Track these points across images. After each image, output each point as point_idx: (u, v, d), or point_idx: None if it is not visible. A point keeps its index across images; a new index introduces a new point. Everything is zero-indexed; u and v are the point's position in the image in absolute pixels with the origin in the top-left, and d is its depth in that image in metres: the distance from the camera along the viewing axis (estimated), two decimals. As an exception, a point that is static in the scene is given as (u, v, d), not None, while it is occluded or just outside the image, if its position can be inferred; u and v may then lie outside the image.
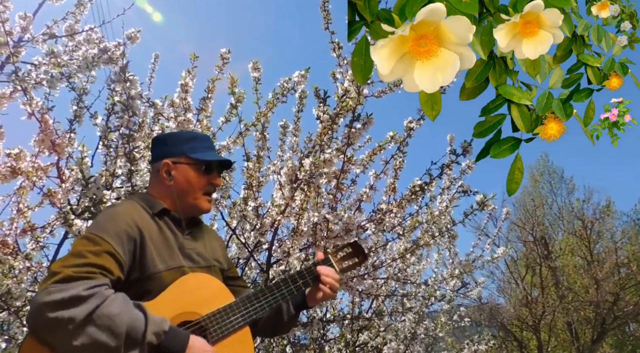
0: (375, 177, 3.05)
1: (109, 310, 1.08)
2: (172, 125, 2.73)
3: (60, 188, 2.59)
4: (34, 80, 2.56)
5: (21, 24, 2.70)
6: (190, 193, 1.41)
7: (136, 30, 2.96)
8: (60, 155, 2.48)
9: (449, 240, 4.41)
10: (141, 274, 1.24)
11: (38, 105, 2.41)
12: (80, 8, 2.92)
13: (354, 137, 2.75)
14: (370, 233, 3.04)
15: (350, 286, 2.99)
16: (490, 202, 3.00)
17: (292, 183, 2.91)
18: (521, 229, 14.97)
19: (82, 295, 1.06)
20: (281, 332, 1.64)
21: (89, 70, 2.67)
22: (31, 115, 2.38)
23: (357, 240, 1.68)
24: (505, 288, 14.37)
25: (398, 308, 4.23)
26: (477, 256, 4.50)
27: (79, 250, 1.16)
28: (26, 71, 2.55)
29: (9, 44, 2.43)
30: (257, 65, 3.10)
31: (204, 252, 1.41)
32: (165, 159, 1.41)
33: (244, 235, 3.12)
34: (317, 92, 3.00)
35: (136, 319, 1.10)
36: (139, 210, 1.33)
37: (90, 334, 1.05)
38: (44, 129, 2.43)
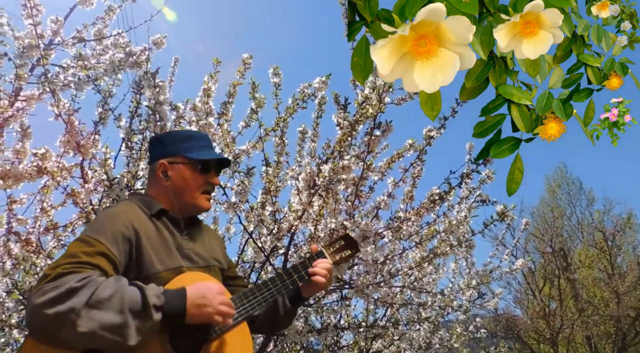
0: (393, 184, 3.04)
1: (105, 292, 1.08)
2: (194, 129, 2.77)
3: (83, 188, 2.65)
4: (62, 82, 2.63)
5: (52, 28, 2.78)
6: (188, 192, 1.40)
7: (162, 36, 3.02)
8: (84, 156, 2.53)
9: (466, 250, 4.36)
10: (138, 275, 1.23)
11: (65, 106, 2.47)
12: (109, 13, 2.99)
13: (373, 144, 2.74)
14: (387, 241, 3.03)
15: (365, 294, 2.98)
16: (510, 213, 2.96)
17: (309, 188, 2.92)
18: (539, 240, 14.72)
19: (76, 286, 1.07)
20: (279, 327, 1.64)
21: (115, 74, 2.73)
22: (58, 117, 2.43)
23: (349, 233, 1.69)
24: (523, 299, 14.12)
25: (413, 317, 4.19)
26: (494, 267, 4.44)
27: (72, 252, 1.16)
28: (55, 73, 2.61)
29: (40, 46, 2.49)
30: (278, 70, 3.12)
31: (202, 252, 1.40)
32: (161, 159, 1.41)
33: (260, 240, 3.14)
34: (336, 98, 3.01)
35: (133, 292, 1.11)
36: (136, 210, 1.32)
37: (94, 318, 1.05)
38: (70, 130, 2.48)
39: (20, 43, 2.66)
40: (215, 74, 2.94)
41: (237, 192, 2.94)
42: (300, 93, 3.06)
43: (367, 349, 4.31)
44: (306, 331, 3.02)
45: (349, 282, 3.55)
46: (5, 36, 2.71)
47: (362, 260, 3.12)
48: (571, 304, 13.42)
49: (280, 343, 3.73)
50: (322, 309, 3.77)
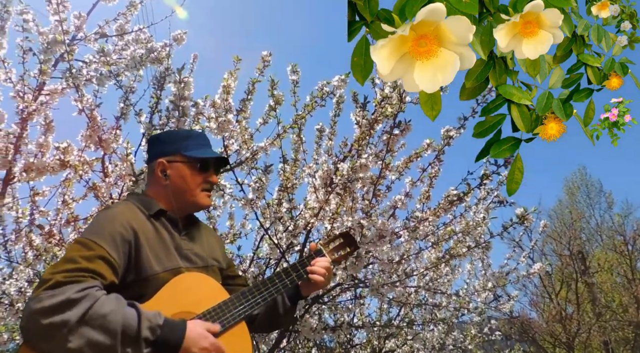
0: (411, 184, 3.03)
1: (102, 309, 1.07)
2: (213, 126, 2.79)
3: (104, 182, 2.69)
4: (85, 77, 2.67)
5: (75, 23, 2.82)
6: (187, 191, 1.39)
7: (182, 32, 3.04)
8: (106, 150, 2.57)
9: (482, 251, 4.32)
10: (137, 276, 1.23)
11: (88, 101, 2.51)
12: (131, 9, 3.02)
13: (392, 143, 2.73)
14: (404, 240, 3.02)
15: (380, 293, 2.97)
16: (530, 216, 2.92)
17: (326, 186, 2.92)
18: (557, 242, 14.49)
19: (73, 298, 1.06)
20: (278, 326, 1.62)
21: (137, 70, 2.76)
22: (81, 112, 2.47)
23: (348, 230, 1.68)
24: (538, 302, 13.93)
25: (427, 317, 4.17)
26: (511, 269, 4.38)
27: (71, 256, 1.15)
28: (78, 68, 2.66)
29: (65, 42, 2.53)
30: (296, 68, 3.12)
31: (201, 252, 1.39)
32: (160, 158, 1.40)
33: (276, 236, 3.15)
34: (355, 97, 3.00)
35: (129, 317, 1.10)
36: (134, 211, 1.32)
37: (85, 335, 1.04)
38: (92, 124, 2.52)
39: (44, 38, 2.71)
40: (235, 72, 2.95)
41: (254, 189, 2.96)
42: (319, 91, 3.05)
43: (380, 348, 4.30)
44: (320, 328, 3.03)
45: (363, 280, 3.55)
46: (30, 32, 2.76)
47: (378, 259, 3.12)
48: (588, 308, 13.19)
49: (293, 340, 3.74)
50: (336, 307, 3.77)
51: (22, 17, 2.73)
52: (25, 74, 2.69)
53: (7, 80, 2.65)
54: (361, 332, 4.28)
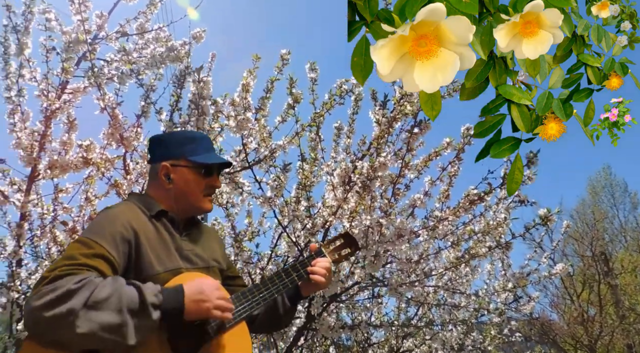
0: (430, 183, 2.99)
1: (103, 292, 1.08)
2: (232, 124, 2.80)
3: (125, 179, 2.72)
4: (106, 76, 2.71)
5: (97, 22, 2.86)
6: (191, 195, 1.39)
7: (201, 30, 3.06)
8: (127, 148, 2.60)
9: (502, 252, 4.25)
10: (137, 276, 1.23)
11: (110, 100, 2.54)
12: (151, 8, 3.04)
13: (412, 142, 2.70)
14: (422, 240, 2.99)
15: (399, 292, 2.95)
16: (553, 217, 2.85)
17: (344, 185, 2.90)
18: (578, 243, 14.20)
19: (73, 288, 1.06)
20: (279, 327, 1.62)
21: (157, 68, 2.79)
22: (103, 110, 2.51)
23: (348, 231, 1.67)
24: (559, 304, 13.69)
25: (446, 317, 4.12)
26: (532, 269, 4.30)
27: (71, 254, 1.16)
28: (100, 67, 2.70)
29: (87, 41, 2.57)
30: (314, 66, 3.11)
31: (202, 253, 1.40)
32: (164, 162, 1.40)
33: (294, 234, 3.15)
34: (374, 95, 2.98)
35: (130, 292, 1.11)
36: (135, 211, 1.32)
37: (93, 319, 1.05)
38: (114, 123, 2.56)
39: (67, 38, 2.75)
40: (254, 70, 2.96)
41: (272, 187, 2.97)
42: (338, 88, 3.04)
43: (397, 347, 4.28)
44: (338, 327, 3.03)
45: (381, 279, 3.53)
46: (53, 31, 2.81)
47: (396, 258, 3.09)
48: (611, 311, 12.90)
49: (311, 338, 3.75)
50: (354, 306, 3.76)
51: (45, 16, 2.77)
52: (48, 72, 2.74)
53: (32, 79, 2.71)
54: (379, 331, 4.26)
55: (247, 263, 3.20)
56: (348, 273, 2.98)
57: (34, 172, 2.73)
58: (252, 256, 3.32)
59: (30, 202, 2.69)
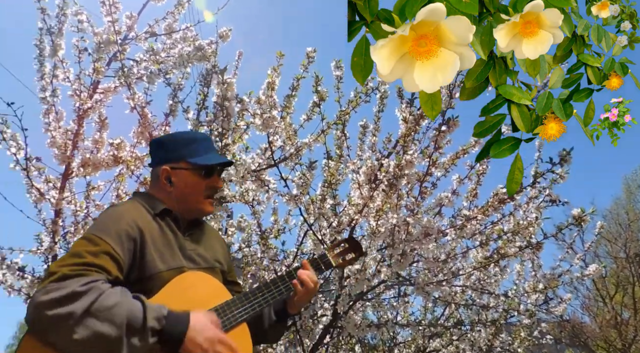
0: (458, 181, 2.94)
1: (107, 301, 1.08)
2: (258, 122, 2.81)
3: (154, 177, 2.77)
4: (136, 75, 2.76)
5: (127, 23, 2.91)
6: (192, 198, 1.40)
7: (227, 29, 3.08)
8: (156, 146, 2.64)
9: (533, 252, 4.14)
10: (141, 274, 1.23)
11: (139, 99, 2.59)
12: (179, 8, 3.08)
13: (440, 140, 2.67)
14: (450, 239, 2.94)
15: (426, 291, 2.91)
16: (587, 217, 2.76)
17: (370, 183, 2.88)
18: (612, 244, 13.75)
19: (79, 291, 1.07)
20: (264, 341, 1.59)
21: (184, 67, 2.82)
22: (133, 109, 2.56)
23: (352, 236, 1.65)
24: (591, 306, 13.29)
25: (474, 318, 4.05)
26: (563, 271, 4.18)
27: (77, 251, 1.16)
28: (129, 67, 2.75)
29: (117, 42, 2.63)
30: (340, 63, 3.10)
31: (204, 254, 1.40)
32: (164, 165, 1.41)
33: (320, 232, 3.15)
34: (400, 92, 2.95)
35: (134, 308, 1.10)
36: (140, 210, 1.33)
37: (91, 326, 1.05)
38: (143, 121, 2.61)
39: (98, 39, 2.82)
40: (278, 68, 2.96)
41: (298, 185, 2.97)
42: (363, 86, 3.02)
43: (424, 347, 4.23)
44: (364, 325, 3.01)
45: (408, 278, 3.49)
46: (85, 32, 2.88)
47: (423, 257, 3.06)
48: (647, 314, 12.45)
49: (336, 336, 3.74)
50: (380, 304, 3.74)
51: (77, 17, 2.85)
52: (81, 73, 2.81)
53: (65, 79, 2.78)
54: (405, 330, 4.22)
55: (273, 261, 3.21)
56: (374, 271, 2.96)
57: (68, 170, 2.81)
58: (278, 253, 3.33)
59: (64, 199, 2.77)
